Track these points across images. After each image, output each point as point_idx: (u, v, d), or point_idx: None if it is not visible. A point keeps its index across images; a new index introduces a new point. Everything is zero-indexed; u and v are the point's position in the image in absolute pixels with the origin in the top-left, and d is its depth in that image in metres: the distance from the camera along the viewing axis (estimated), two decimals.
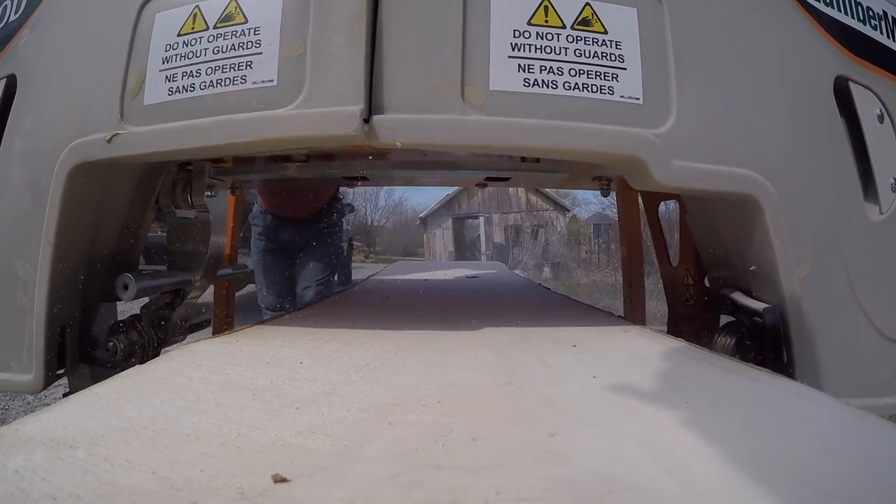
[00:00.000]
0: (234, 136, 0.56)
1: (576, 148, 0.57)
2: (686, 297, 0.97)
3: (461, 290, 1.33)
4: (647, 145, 0.57)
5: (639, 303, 1.48)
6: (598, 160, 0.64)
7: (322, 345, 0.60)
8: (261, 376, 0.46)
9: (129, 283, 0.71)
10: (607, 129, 0.56)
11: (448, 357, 0.55)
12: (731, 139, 0.61)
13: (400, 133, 0.54)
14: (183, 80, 0.59)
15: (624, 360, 0.54)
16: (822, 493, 0.27)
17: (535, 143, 0.56)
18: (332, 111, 0.53)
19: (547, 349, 0.58)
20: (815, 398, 0.42)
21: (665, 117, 0.58)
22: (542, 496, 0.26)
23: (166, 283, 0.77)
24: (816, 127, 0.66)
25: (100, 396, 0.40)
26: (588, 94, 0.56)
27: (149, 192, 0.77)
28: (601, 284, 8.13)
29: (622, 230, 1.50)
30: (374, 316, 0.88)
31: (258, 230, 1.79)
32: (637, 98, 0.57)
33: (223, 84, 0.57)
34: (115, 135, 0.60)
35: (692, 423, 0.36)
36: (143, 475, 0.27)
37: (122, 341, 0.71)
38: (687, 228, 0.90)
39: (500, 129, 0.55)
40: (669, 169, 0.57)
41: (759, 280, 0.68)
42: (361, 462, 0.30)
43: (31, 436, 0.32)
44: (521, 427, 0.35)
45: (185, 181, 0.77)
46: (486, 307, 1.03)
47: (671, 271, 1.02)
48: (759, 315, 0.65)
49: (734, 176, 0.60)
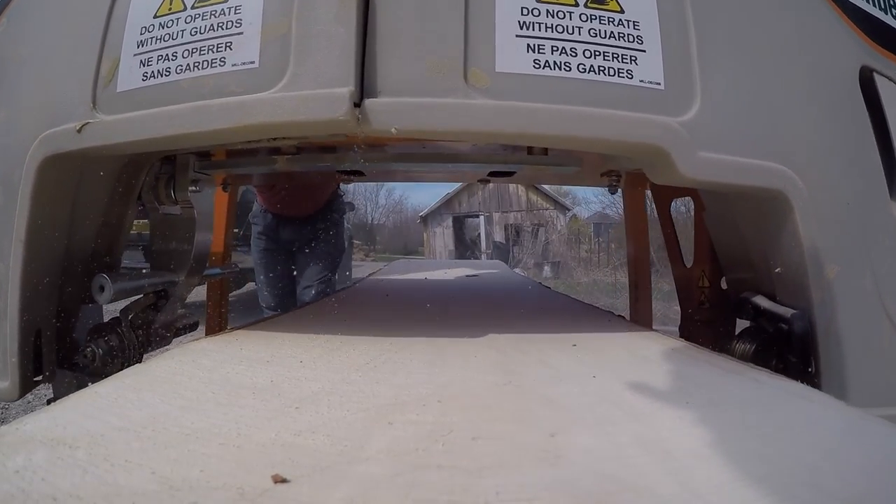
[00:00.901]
0: (209, 122, 0.51)
1: (592, 136, 0.52)
2: (701, 299, 0.91)
3: (461, 290, 1.33)
4: (671, 134, 0.52)
5: (645, 304, 1.43)
6: (615, 151, 0.58)
7: (322, 344, 0.59)
8: (261, 376, 0.46)
9: (105, 284, 0.66)
10: (628, 116, 0.51)
11: (448, 357, 0.55)
12: (758, 130, 0.57)
13: (395, 118, 0.49)
14: (158, 65, 0.54)
15: (624, 360, 0.54)
16: (822, 494, 0.27)
17: (547, 131, 0.51)
18: (318, 94, 0.49)
19: (547, 349, 0.58)
20: (815, 398, 0.42)
21: (689, 104, 0.53)
22: (542, 496, 0.26)
23: (147, 285, 0.72)
24: (843, 119, 0.61)
25: (100, 396, 0.40)
26: (605, 78, 0.52)
27: (130, 188, 0.72)
28: (601, 283, 8.14)
29: (628, 229, 1.44)
30: (374, 315, 0.88)
31: (258, 229, 1.79)
32: (658, 83, 0.53)
33: (200, 67, 0.53)
34: (84, 124, 0.56)
35: (692, 424, 0.36)
36: (143, 475, 0.27)
37: (101, 346, 0.67)
38: (703, 227, 0.85)
39: (508, 114, 0.50)
40: (696, 161, 0.53)
41: (784, 283, 0.63)
42: (361, 462, 0.30)
43: (32, 435, 0.32)
44: (521, 427, 0.35)
45: (169, 175, 0.73)
46: (486, 306, 1.03)
47: (685, 273, 0.97)
48: (784, 321, 0.61)
49: (763, 170, 0.56)
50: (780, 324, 0.62)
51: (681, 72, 0.54)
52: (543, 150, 0.74)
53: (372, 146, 0.79)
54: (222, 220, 1.40)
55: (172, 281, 0.74)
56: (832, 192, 0.59)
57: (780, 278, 0.64)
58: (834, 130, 0.61)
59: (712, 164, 0.54)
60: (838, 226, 0.59)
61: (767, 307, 0.65)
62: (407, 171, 1.14)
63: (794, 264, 0.60)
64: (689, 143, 0.52)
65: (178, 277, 0.75)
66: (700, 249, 0.91)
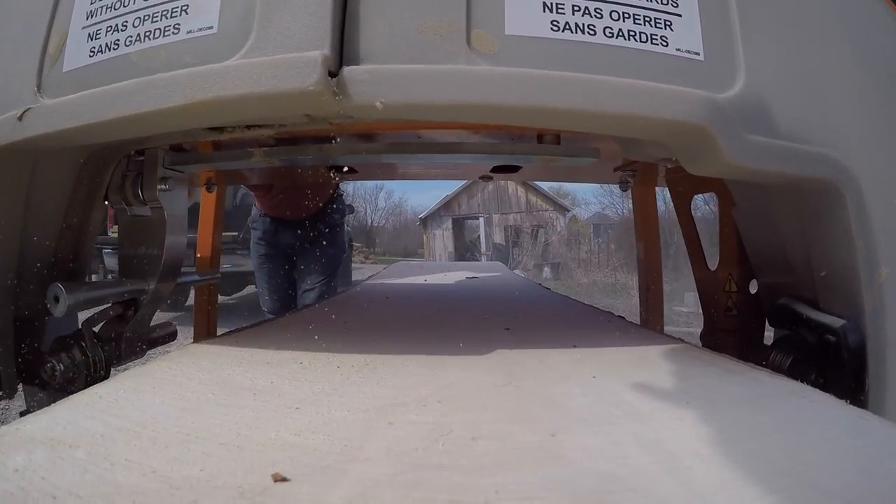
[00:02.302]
0: (154, 101, 0.43)
1: (623, 112, 0.43)
2: (727, 305, 0.82)
3: (461, 291, 1.33)
4: (717, 113, 0.44)
5: (657, 307, 1.33)
6: (647, 133, 0.49)
7: (322, 346, 0.60)
8: (261, 377, 0.46)
9: (60, 294, 0.58)
10: (666, 90, 0.44)
11: (448, 357, 0.55)
12: (807, 112, 0.50)
13: (381, 90, 0.41)
14: (107, 37, 0.47)
15: (624, 361, 0.54)
16: (822, 494, 0.27)
17: (568, 105, 0.43)
18: (283, 59, 0.40)
19: (547, 350, 0.58)
20: (815, 398, 0.42)
21: (731, 80, 0.47)
22: (542, 496, 0.26)
23: (111, 294, 0.65)
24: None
25: (100, 396, 0.40)
26: (636, 45, 0.44)
27: (94, 186, 0.64)
28: (601, 284, 8.14)
29: (638, 228, 1.35)
30: (374, 317, 0.88)
31: (258, 235, 1.78)
32: (697, 53, 0.46)
33: (152, 37, 0.45)
34: (26, 110, 0.49)
35: (692, 423, 0.36)
36: (143, 474, 0.27)
37: (63, 361, 0.61)
38: (730, 225, 0.76)
39: (520, 84, 0.42)
40: (745, 145, 0.45)
41: (829, 288, 0.57)
42: (361, 461, 0.30)
43: (32, 435, 0.32)
44: (521, 427, 0.35)
45: (137, 173, 0.66)
46: (486, 308, 1.03)
47: (709, 276, 0.87)
48: (831, 332, 0.54)
49: (813, 157, 0.49)
50: (825, 335, 0.55)
51: (721, 41, 0.47)
52: (555, 138, 0.67)
53: (361, 136, 0.71)
54: (209, 223, 1.31)
55: (141, 289, 0.67)
56: (884, 185, 0.52)
57: (824, 283, 0.57)
58: (886, 116, 0.54)
59: (762, 149, 0.47)
60: (890, 223, 0.52)
61: (810, 316, 0.58)
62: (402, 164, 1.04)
63: (844, 267, 0.53)
64: (736, 123, 0.45)
65: (147, 286, 0.67)
66: (727, 250, 0.82)
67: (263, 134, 0.59)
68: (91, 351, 0.63)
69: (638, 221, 1.34)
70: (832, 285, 0.56)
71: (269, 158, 0.69)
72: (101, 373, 0.64)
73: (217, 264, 1.33)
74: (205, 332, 1.28)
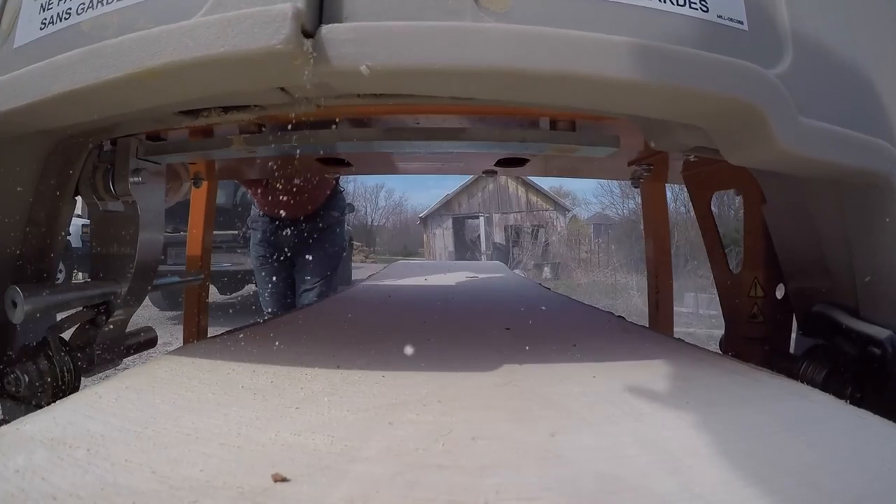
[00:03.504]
0: (101, 70, 0.37)
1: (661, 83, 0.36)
2: (752, 312, 0.76)
3: (461, 291, 1.33)
4: (769, 90, 0.38)
5: (667, 310, 1.26)
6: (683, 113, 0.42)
7: (322, 345, 0.60)
8: (261, 376, 0.46)
9: (17, 298, 0.53)
10: (712, 59, 0.37)
11: (448, 357, 0.55)
12: (859, 96, 0.45)
13: (368, 51, 0.34)
14: (59, 7, 0.43)
15: (624, 361, 0.54)
16: (822, 494, 0.27)
17: (595, 71, 0.36)
18: (247, 13, 0.34)
19: (547, 349, 0.58)
20: (815, 398, 0.42)
21: (778, 55, 0.40)
22: (542, 496, 0.26)
23: (76, 298, 0.59)
24: None
25: (100, 396, 0.40)
26: (672, 8, 0.38)
27: (63, 179, 0.59)
28: (601, 284, 8.14)
29: (647, 227, 1.27)
30: (374, 316, 0.88)
31: (258, 235, 1.78)
32: (740, 22, 0.40)
33: (105, 2, 0.40)
34: None
35: (692, 423, 0.36)
36: (143, 475, 0.27)
37: (28, 371, 0.56)
38: (758, 225, 0.70)
39: (537, 44, 0.35)
40: (799, 129, 0.40)
41: (874, 295, 0.52)
42: (361, 461, 0.30)
43: (32, 435, 0.32)
44: (521, 427, 0.35)
45: (109, 164, 0.60)
46: (486, 307, 1.03)
47: (731, 280, 0.80)
48: (876, 343, 0.50)
49: (866, 147, 0.43)
50: (869, 346, 0.51)
51: (765, 10, 0.41)
52: (570, 125, 0.60)
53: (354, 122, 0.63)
54: (200, 220, 1.23)
55: (112, 292, 0.61)
56: None
57: (868, 288, 0.52)
58: None
59: (817, 135, 0.41)
60: None
61: (850, 325, 0.54)
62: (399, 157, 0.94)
63: (893, 271, 0.49)
64: (789, 104, 0.39)
65: (118, 288, 0.61)
66: (752, 252, 0.75)
67: (243, 118, 0.52)
68: (57, 359, 0.57)
69: (647, 218, 1.27)
70: (877, 292, 0.51)
71: (251, 147, 0.62)
72: (71, 384, 0.58)
73: (207, 263, 1.27)
74: (194, 335, 1.21)
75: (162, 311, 4.33)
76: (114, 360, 0.64)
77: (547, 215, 14.27)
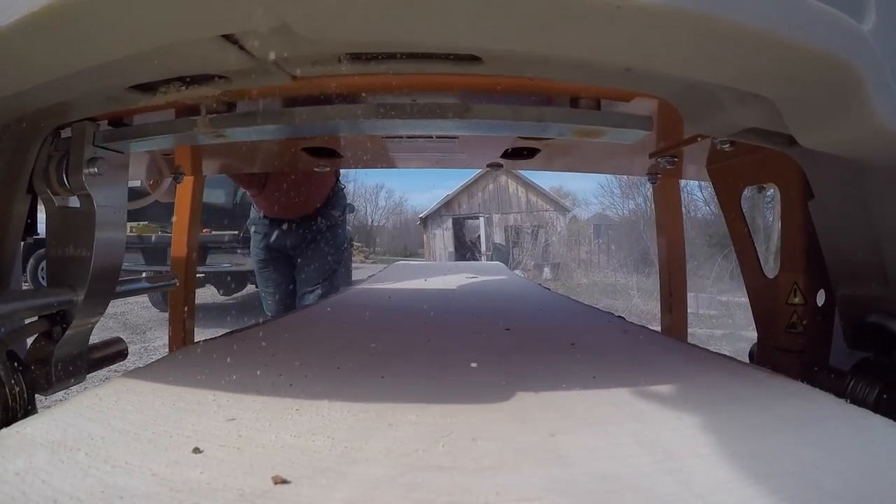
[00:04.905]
0: None
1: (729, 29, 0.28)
2: (791, 321, 0.68)
3: (461, 292, 1.33)
4: (863, 46, 0.31)
5: (680, 314, 1.17)
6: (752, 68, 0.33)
7: (322, 346, 0.60)
8: (261, 378, 0.46)
9: None
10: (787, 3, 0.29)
11: (448, 358, 0.55)
12: None
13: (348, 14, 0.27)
14: None
15: (624, 361, 0.54)
16: (822, 494, 0.27)
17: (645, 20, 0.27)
18: None
19: (547, 350, 0.58)
20: (815, 398, 0.42)
21: (860, 13, 0.33)
22: (542, 496, 0.26)
23: (23, 308, 0.51)
24: None
25: (100, 398, 0.40)
26: None
27: (14, 172, 0.52)
28: (601, 284, 8.14)
29: (660, 225, 1.18)
30: (374, 317, 0.88)
31: (258, 238, 1.78)
32: None
33: None
34: None
35: (692, 423, 0.36)
36: (143, 477, 0.27)
37: None
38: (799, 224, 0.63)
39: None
40: (894, 98, 0.32)
41: None
42: (362, 463, 0.30)
43: (32, 438, 0.32)
44: (521, 427, 0.35)
45: (64, 154, 0.53)
46: (487, 308, 1.03)
47: (765, 284, 0.72)
48: None
49: None
50: None
51: None
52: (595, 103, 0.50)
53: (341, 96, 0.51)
54: (185, 219, 1.14)
55: (67, 300, 0.53)
56: None
57: None
58: None
59: None
60: None
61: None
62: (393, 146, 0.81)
63: None
64: (883, 68, 0.32)
65: (75, 296, 0.53)
66: (791, 254, 0.67)
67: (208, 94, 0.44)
68: (6, 377, 0.49)
69: (660, 217, 1.17)
70: None
71: (218, 129, 0.52)
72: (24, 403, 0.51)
73: (193, 266, 1.18)
74: (180, 340, 1.14)
75: (162, 313, 4.33)
76: (76, 376, 0.56)
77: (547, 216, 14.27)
